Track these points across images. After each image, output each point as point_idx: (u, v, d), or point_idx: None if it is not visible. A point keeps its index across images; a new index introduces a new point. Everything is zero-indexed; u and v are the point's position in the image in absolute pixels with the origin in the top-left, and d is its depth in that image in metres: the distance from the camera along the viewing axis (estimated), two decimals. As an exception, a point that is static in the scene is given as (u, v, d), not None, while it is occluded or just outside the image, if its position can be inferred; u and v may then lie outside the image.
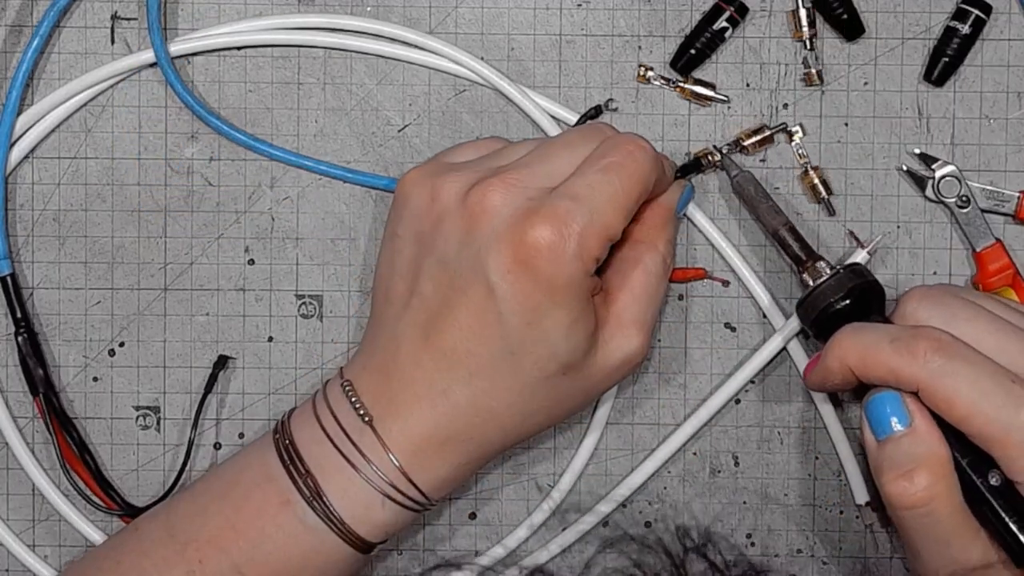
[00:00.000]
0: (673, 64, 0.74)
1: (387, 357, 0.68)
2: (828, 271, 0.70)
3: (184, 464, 0.74)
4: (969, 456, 0.65)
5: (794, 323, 0.73)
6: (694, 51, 0.73)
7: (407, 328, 0.67)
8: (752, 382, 0.75)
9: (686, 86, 0.74)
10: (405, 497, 0.67)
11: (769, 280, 0.74)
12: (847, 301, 0.69)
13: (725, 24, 0.73)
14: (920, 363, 0.64)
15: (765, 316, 0.74)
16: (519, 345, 0.65)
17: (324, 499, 0.67)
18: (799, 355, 0.74)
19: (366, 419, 0.67)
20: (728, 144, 0.74)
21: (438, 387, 0.66)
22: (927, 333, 0.65)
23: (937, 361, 0.64)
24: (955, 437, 0.65)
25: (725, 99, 0.74)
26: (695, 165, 0.73)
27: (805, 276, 0.71)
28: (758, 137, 0.73)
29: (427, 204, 0.67)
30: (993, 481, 0.65)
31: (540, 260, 0.64)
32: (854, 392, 0.72)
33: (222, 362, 0.75)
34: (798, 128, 0.74)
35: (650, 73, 0.74)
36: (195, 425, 0.74)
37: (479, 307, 0.65)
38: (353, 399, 0.67)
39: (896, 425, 0.65)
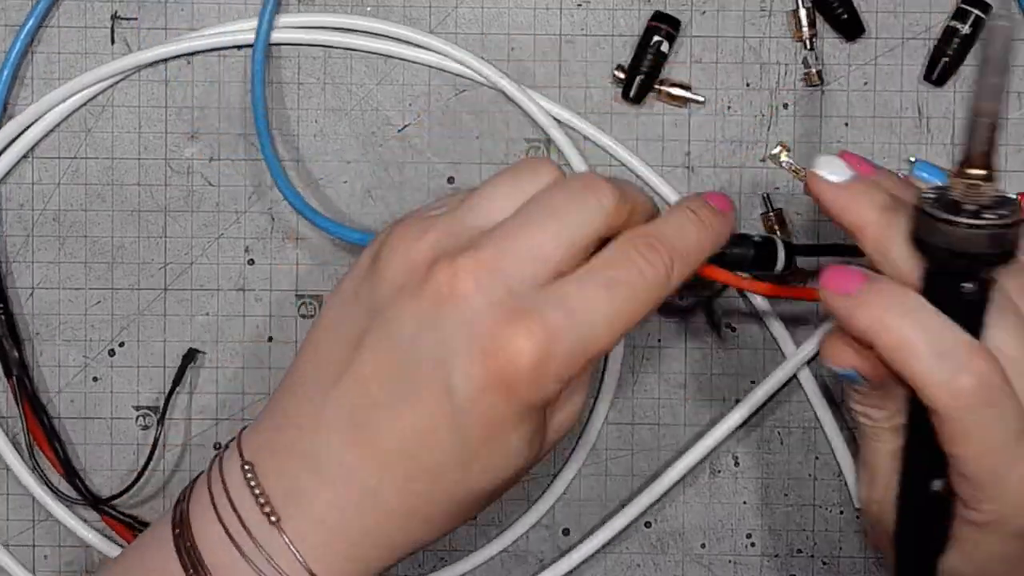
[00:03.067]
0: (624, 95, 0.73)
1: (302, 437, 0.58)
2: (992, 200, 0.57)
3: (147, 462, 0.74)
4: (925, 455, 0.59)
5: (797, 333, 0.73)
6: (642, 76, 0.73)
7: (334, 409, 0.57)
8: (753, 382, 0.75)
9: (663, 88, 0.73)
10: None
11: (769, 280, 0.74)
12: (982, 261, 0.56)
13: (660, 38, 0.72)
14: (950, 393, 0.55)
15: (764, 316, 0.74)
16: (473, 456, 0.56)
17: None
18: (799, 357, 0.74)
19: (273, 519, 0.57)
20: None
21: (367, 485, 0.57)
22: (977, 367, 0.56)
23: (967, 399, 0.55)
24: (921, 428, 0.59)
25: (700, 100, 0.73)
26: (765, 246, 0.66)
27: (958, 183, 0.57)
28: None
29: (395, 266, 0.58)
30: (935, 487, 0.59)
31: (519, 380, 0.55)
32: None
33: (191, 355, 0.74)
34: (779, 148, 0.72)
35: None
36: (161, 421, 0.74)
37: (431, 411, 0.56)
38: (257, 492, 0.58)
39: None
